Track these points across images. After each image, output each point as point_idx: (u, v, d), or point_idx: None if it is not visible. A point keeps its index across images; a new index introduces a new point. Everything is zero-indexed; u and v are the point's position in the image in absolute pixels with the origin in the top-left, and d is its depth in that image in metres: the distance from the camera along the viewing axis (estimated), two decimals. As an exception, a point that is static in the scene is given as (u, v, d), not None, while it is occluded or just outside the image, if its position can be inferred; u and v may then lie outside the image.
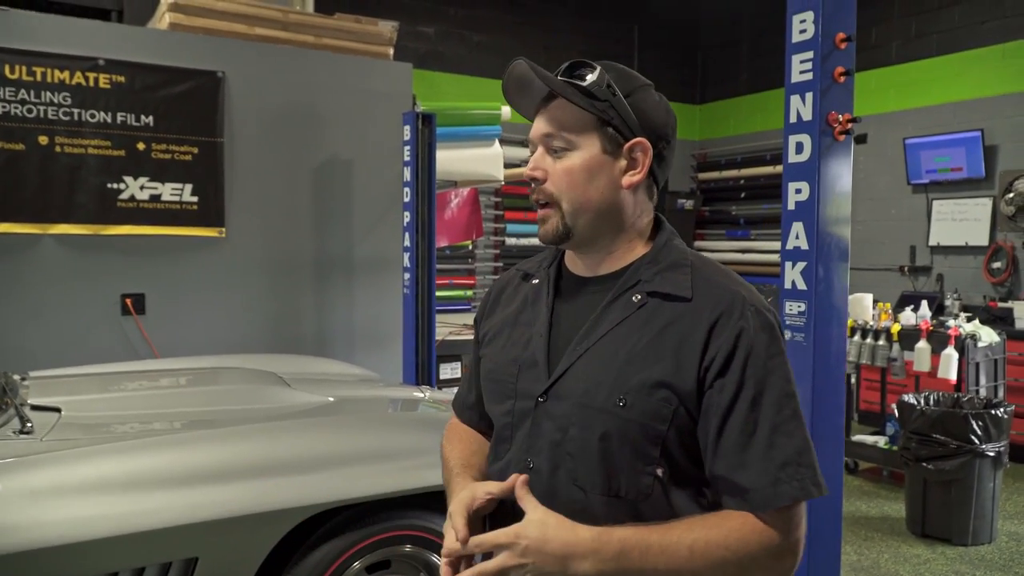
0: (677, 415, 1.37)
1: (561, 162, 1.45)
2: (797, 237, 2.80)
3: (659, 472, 1.38)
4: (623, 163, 1.46)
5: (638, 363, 1.38)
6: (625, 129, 1.45)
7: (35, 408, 2.91)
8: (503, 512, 1.41)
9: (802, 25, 2.73)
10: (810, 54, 2.71)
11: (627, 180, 1.46)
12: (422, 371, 5.23)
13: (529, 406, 1.46)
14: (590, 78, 1.44)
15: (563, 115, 1.46)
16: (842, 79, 2.72)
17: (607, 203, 1.46)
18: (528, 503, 1.34)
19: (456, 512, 1.39)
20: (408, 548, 2.86)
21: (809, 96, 2.73)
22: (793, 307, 2.82)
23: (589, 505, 1.39)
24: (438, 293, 5.35)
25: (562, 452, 1.42)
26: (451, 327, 6.25)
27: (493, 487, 1.42)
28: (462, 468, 1.57)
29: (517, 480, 1.37)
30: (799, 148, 2.78)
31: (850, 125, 2.73)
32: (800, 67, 2.74)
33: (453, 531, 1.37)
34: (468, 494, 1.42)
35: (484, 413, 1.67)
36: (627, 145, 1.45)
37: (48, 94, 4.58)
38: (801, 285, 2.80)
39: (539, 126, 1.48)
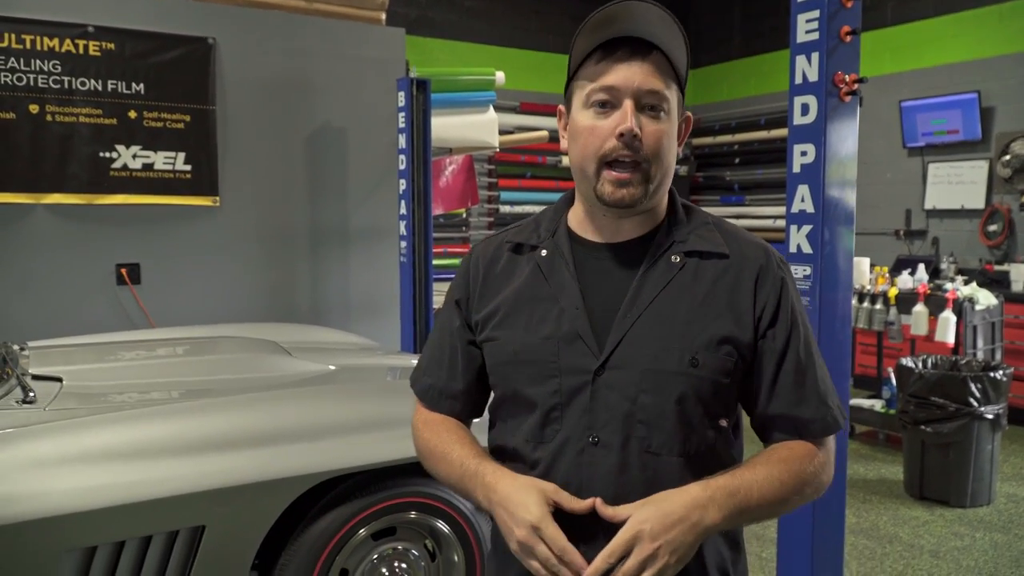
0: (737, 366, 1.42)
1: (657, 123, 1.38)
2: (803, 200, 2.79)
3: (723, 423, 1.45)
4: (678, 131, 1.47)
5: (700, 321, 1.40)
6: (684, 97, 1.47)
7: (36, 378, 2.89)
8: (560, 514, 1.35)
9: (808, -16, 2.70)
10: (816, 13, 2.68)
11: (678, 148, 1.48)
12: (420, 339, 5.21)
13: (582, 381, 1.40)
14: (682, 42, 1.42)
15: (665, 74, 1.39)
16: (848, 39, 2.70)
17: (672, 169, 1.45)
18: (622, 511, 1.30)
19: (546, 526, 1.29)
20: (413, 515, 2.86)
21: (815, 56, 2.70)
22: (798, 271, 2.81)
23: (661, 469, 1.38)
24: (433, 261, 5.33)
25: (633, 421, 1.38)
26: (447, 295, 6.22)
27: (561, 497, 1.33)
28: (480, 459, 1.46)
29: (596, 504, 1.32)
30: (804, 110, 2.76)
31: (856, 86, 2.70)
32: (806, 26, 2.72)
33: (544, 544, 1.29)
34: (539, 498, 1.32)
35: (471, 403, 1.60)
36: (685, 117, 1.48)
37: (38, 62, 4.53)
38: (807, 248, 2.79)
39: (639, 79, 1.36)
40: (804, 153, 2.77)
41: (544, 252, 1.51)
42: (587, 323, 1.42)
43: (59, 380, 2.88)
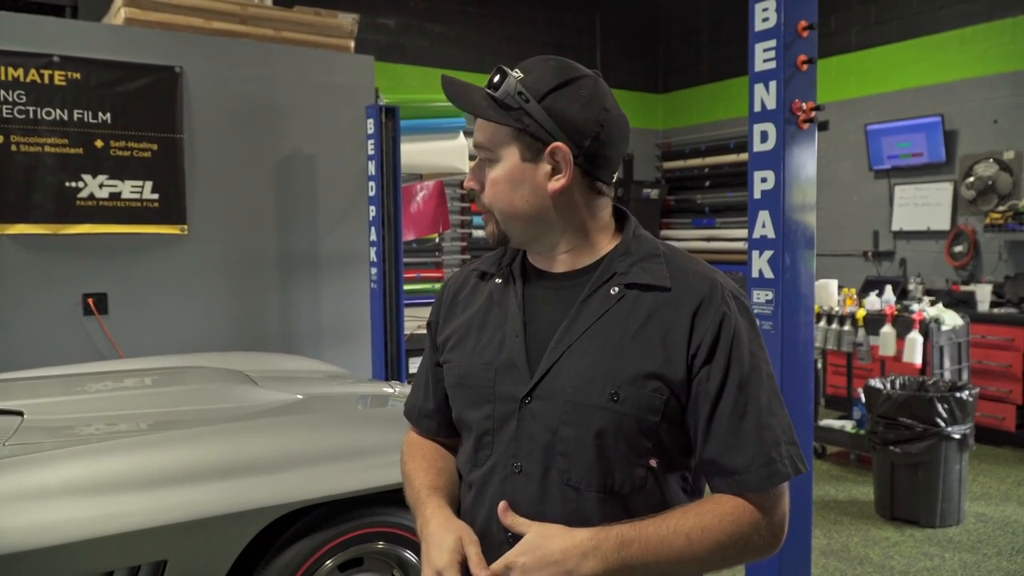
0: (668, 405, 1.37)
1: (490, 172, 1.45)
2: (764, 226, 2.81)
3: (652, 463, 1.39)
4: (547, 167, 1.41)
5: (627, 356, 1.37)
6: (543, 134, 1.39)
7: (-3, 412, 2.86)
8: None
9: (764, 13, 2.74)
10: (773, 42, 2.72)
11: (552, 185, 1.41)
12: (391, 366, 5.21)
13: (511, 409, 1.43)
14: (500, 88, 1.40)
15: (485, 127, 1.44)
16: (805, 67, 2.73)
17: (535, 210, 1.43)
18: (520, 525, 1.34)
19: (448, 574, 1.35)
20: (380, 545, 2.84)
21: (773, 85, 2.74)
22: (760, 295, 2.83)
23: (583, 504, 1.38)
24: (405, 287, 5.33)
25: (553, 453, 1.39)
26: (419, 321, 6.22)
27: (471, 554, 1.35)
28: (430, 491, 1.51)
29: (500, 507, 1.36)
30: (764, 137, 2.79)
31: (814, 113, 2.74)
32: (763, 55, 2.75)
33: None
34: (454, 545, 1.36)
35: (444, 421, 1.64)
36: (547, 150, 1.40)
37: (2, 92, 4.49)
38: (768, 273, 2.82)
39: (476, 136, 1.48)
40: (764, 179, 2.80)
41: (499, 280, 1.54)
42: (523, 351, 1.44)
43: (20, 414, 2.85)
